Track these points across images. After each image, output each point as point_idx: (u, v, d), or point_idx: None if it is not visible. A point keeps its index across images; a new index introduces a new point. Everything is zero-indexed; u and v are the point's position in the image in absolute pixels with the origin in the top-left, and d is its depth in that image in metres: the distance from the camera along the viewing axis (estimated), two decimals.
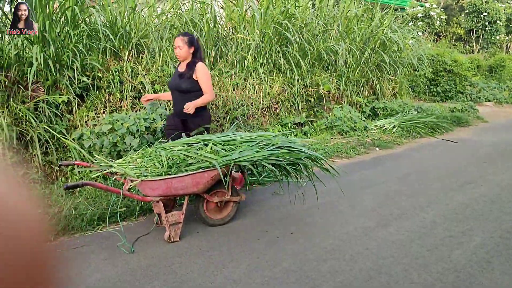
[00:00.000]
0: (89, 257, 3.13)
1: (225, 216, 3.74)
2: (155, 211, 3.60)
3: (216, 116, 6.38)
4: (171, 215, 3.37)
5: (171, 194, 3.37)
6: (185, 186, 3.34)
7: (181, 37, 4.04)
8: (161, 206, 3.35)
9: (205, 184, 3.42)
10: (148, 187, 3.30)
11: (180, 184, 3.31)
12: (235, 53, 7.07)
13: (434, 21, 16.33)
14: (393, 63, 9.43)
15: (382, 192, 4.59)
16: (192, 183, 3.35)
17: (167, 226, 3.35)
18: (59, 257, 0.42)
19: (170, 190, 3.31)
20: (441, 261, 2.97)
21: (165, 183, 3.27)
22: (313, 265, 2.96)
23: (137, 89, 5.70)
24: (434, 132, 8.03)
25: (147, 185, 3.29)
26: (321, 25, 8.08)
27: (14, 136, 4.41)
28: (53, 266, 0.40)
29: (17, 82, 4.85)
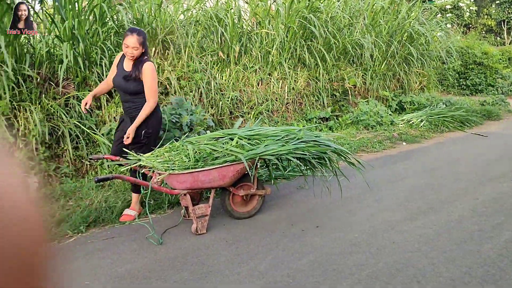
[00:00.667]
0: (119, 248, 3.21)
1: (251, 209, 3.79)
2: (182, 204, 3.67)
3: (241, 112, 6.42)
4: (198, 208, 3.43)
5: (197, 187, 3.44)
6: (211, 180, 3.40)
7: (136, 36, 3.50)
8: (188, 199, 3.42)
9: (231, 178, 3.47)
10: (176, 180, 3.37)
11: (206, 177, 3.37)
12: (259, 48, 7.09)
13: (463, 13, 15.93)
14: (421, 56, 9.26)
15: (408, 186, 4.54)
16: (218, 176, 3.41)
17: (194, 218, 3.41)
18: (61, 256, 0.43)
19: (197, 183, 3.38)
20: (470, 255, 2.92)
21: (191, 177, 3.34)
22: (339, 258, 2.96)
23: (164, 85, 5.79)
24: (463, 126, 7.85)
25: (175, 179, 3.36)
26: (346, 18, 8.00)
27: (47, 132, 4.55)
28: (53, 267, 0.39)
29: (49, 79, 5.00)
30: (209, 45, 6.85)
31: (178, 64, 6.04)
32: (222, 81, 6.42)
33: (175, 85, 5.73)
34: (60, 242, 3.32)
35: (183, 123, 4.50)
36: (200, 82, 5.95)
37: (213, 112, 6.01)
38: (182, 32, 6.25)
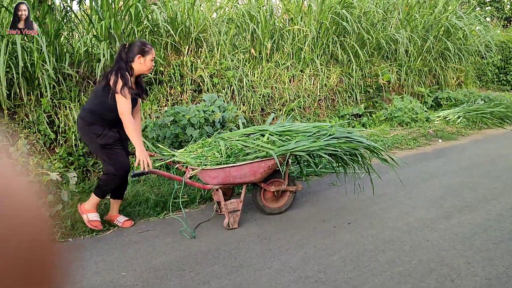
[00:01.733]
0: (154, 241, 3.30)
1: (282, 205, 3.81)
2: (214, 199, 3.74)
3: (273, 108, 6.44)
4: (230, 203, 3.48)
5: (229, 183, 3.48)
6: (243, 175, 3.45)
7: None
8: (220, 194, 3.47)
9: (262, 173, 3.51)
10: (208, 175, 3.43)
11: (238, 173, 3.42)
12: (291, 45, 7.07)
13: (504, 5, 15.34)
14: (458, 51, 9.00)
15: (444, 184, 4.44)
16: (249, 172, 3.45)
17: (226, 213, 3.46)
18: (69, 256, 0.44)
19: (229, 178, 3.43)
20: (508, 255, 2.84)
21: (223, 172, 3.40)
22: (371, 255, 2.94)
23: (197, 83, 5.88)
24: (503, 122, 7.59)
25: (207, 174, 3.42)
26: (380, 13, 7.87)
27: None
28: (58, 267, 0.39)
29: (87, 77, 5.17)
30: (241, 43, 6.90)
31: (211, 62, 6.12)
32: (254, 78, 6.46)
33: (208, 82, 5.80)
34: (97, 234, 3.44)
35: (216, 120, 4.56)
36: (232, 80, 6.00)
37: (245, 109, 6.06)
38: (215, 30, 6.32)
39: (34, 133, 4.55)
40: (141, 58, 3.29)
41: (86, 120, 3.31)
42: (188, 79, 5.82)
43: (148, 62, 3.33)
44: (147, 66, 3.35)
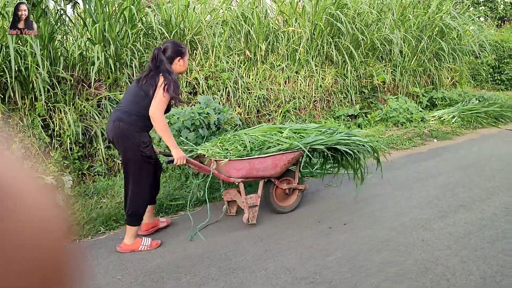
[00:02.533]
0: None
1: (292, 203, 3.89)
2: (225, 199, 3.81)
3: (268, 110, 6.44)
4: (250, 197, 3.54)
5: (252, 176, 3.52)
6: (265, 168, 3.51)
7: None
8: (241, 187, 3.51)
9: (281, 167, 3.58)
10: (234, 167, 3.45)
11: (261, 165, 3.48)
12: (286, 46, 7.09)
13: (497, 5, 15.42)
14: (452, 51, 9.04)
15: (439, 184, 4.46)
16: (271, 165, 3.52)
17: (246, 208, 3.51)
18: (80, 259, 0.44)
19: (252, 171, 3.48)
20: (502, 254, 2.86)
21: (248, 164, 3.44)
22: (366, 255, 2.95)
23: (192, 85, 5.88)
24: (498, 122, 7.63)
25: (233, 165, 3.44)
26: (374, 14, 7.89)
27: (80, 132, 4.70)
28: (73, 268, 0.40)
29: (81, 80, 5.16)
30: (236, 45, 6.90)
31: (206, 64, 6.12)
32: (249, 80, 6.46)
33: (203, 84, 5.80)
34: (93, 238, 3.43)
35: (211, 121, 4.56)
36: (227, 81, 6.01)
37: (241, 111, 6.06)
38: (209, 32, 6.32)
39: (28, 137, 4.53)
40: (180, 60, 3.19)
41: (138, 125, 3.04)
42: (183, 82, 5.81)
43: (186, 62, 3.26)
44: (185, 66, 3.26)
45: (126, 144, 3.03)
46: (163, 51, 3.15)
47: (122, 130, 3.00)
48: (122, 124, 3.00)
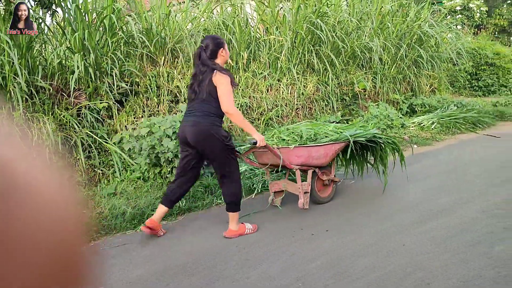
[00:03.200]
0: (131, 254, 3.25)
1: (329, 194, 4.24)
2: (271, 191, 4.14)
3: (251, 118, 6.45)
4: (304, 184, 3.84)
5: (307, 164, 3.86)
6: (318, 156, 3.87)
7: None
8: (298, 175, 3.83)
9: (330, 157, 3.98)
10: (295, 154, 3.79)
11: (316, 153, 3.85)
12: (268, 54, 7.12)
13: (473, 14, 15.80)
14: (431, 58, 9.21)
15: (420, 189, 4.51)
16: (323, 154, 3.89)
17: (301, 194, 3.82)
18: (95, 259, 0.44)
19: (309, 159, 3.84)
20: (482, 257, 2.89)
21: (307, 151, 3.82)
22: (349, 261, 2.96)
23: (174, 93, 5.86)
24: (476, 127, 7.78)
25: (295, 153, 3.79)
26: (354, 22, 8.00)
27: (59, 141, 4.63)
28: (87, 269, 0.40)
29: (61, 90, 5.09)
30: None
31: (188, 72, 6.10)
32: None
33: (185, 93, 5.78)
34: None
35: None
36: None
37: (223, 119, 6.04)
38: (191, 41, 6.32)
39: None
40: (222, 50, 3.36)
41: (213, 123, 3.26)
42: (165, 90, 5.79)
43: (227, 50, 3.44)
44: (228, 54, 3.46)
45: (211, 142, 3.26)
46: (205, 48, 3.33)
47: (204, 131, 3.24)
48: (203, 125, 3.25)
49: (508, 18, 16.89)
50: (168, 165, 4.55)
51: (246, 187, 4.67)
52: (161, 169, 4.62)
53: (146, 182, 4.64)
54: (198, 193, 4.40)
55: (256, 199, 4.46)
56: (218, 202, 4.32)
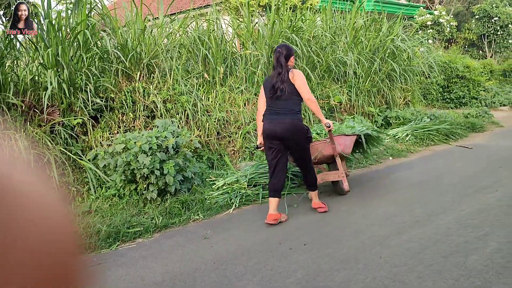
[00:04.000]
0: (105, 274, 3.18)
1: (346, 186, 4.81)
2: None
3: (228, 132, 6.45)
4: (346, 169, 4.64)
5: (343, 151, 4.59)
6: (348, 145, 4.68)
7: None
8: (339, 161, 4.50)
9: (351, 147, 4.77)
10: (339, 142, 4.52)
11: (349, 142, 4.68)
12: (244, 69, 7.16)
13: (444, 28, 16.26)
14: (404, 71, 9.41)
15: (396, 201, 4.57)
16: (350, 143, 4.71)
17: (344, 178, 4.55)
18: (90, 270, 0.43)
19: (345, 148, 4.61)
20: (456, 268, 2.94)
21: (344, 140, 4.62)
22: (326, 275, 2.96)
23: (150, 108, 5.82)
24: (448, 139, 7.95)
25: (338, 141, 4.52)
26: (328, 37, 8.14)
27: (32, 159, 4.53)
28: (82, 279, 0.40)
29: (33, 106, 5.00)
30: (194, 68, 6.92)
31: (164, 87, 6.08)
32: (208, 103, 6.46)
33: (161, 108, 5.75)
34: None
35: (169, 145, 4.51)
36: (186, 104, 5.98)
37: (201, 134, 6.03)
38: (167, 56, 6.31)
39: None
40: (292, 58, 4.04)
41: (299, 119, 3.94)
42: (141, 105, 5.74)
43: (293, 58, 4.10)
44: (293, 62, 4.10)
45: (299, 136, 3.94)
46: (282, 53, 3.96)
47: (297, 126, 3.92)
48: (296, 121, 3.91)
49: (476, 32, 17.44)
50: (144, 181, 4.50)
51: (224, 201, 4.65)
52: (137, 185, 4.56)
53: (121, 199, 4.57)
54: (175, 209, 4.35)
55: (234, 215, 4.44)
56: (195, 218, 4.28)
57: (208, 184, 5.09)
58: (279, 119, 3.89)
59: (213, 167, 5.79)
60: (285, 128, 3.87)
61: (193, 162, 5.00)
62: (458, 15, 20.27)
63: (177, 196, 4.61)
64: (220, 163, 5.92)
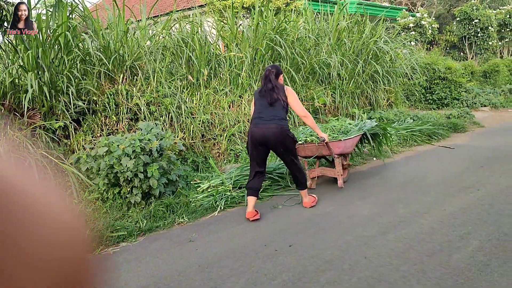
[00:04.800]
0: None
1: (347, 175, 5.36)
2: (310, 176, 5.10)
3: (213, 134, 6.42)
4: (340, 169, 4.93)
5: (343, 152, 4.97)
6: (349, 146, 5.03)
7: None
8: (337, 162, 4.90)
9: (353, 146, 5.20)
10: (336, 146, 4.86)
11: (349, 143, 5.02)
12: (228, 71, 7.15)
13: (426, 30, 16.49)
14: (387, 73, 9.51)
15: (380, 201, 4.60)
16: (352, 144, 5.11)
17: (339, 176, 4.94)
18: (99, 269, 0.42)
19: (345, 148, 4.97)
20: (440, 266, 2.97)
21: (344, 143, 4.93)
22: (312, 276, 2.96)
23: (133, 111, 5.76)
24: (431, 139, 8.05)
25: (336, 144, 4.87)
26: (312, 39, 8.18)
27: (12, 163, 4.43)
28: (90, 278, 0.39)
29: (13, 109, 4.91)
30: (178, 70, 6.88)
31: (147, 89, 6.02)
32: (192, 105, 6.43)
33: (145, 110, 5.70)
34: None
35: (152, 148, 4.46)
36: (170, 107, 5.94)
37: (185, 136, 5.99)
38: (150, 58, 6.26)
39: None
40: (281, 76, 4.41)
41: (287, 126, 4.22)
42: (124, 108, 5.68)
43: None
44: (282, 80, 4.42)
45: (286, 139, 4.19)
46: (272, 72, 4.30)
47: (283, 130, 4.17)
48: (283, 127, 4.17)
49: (458, 34, 17.72)
50: (127, 184, 4.45)
51: (209, 204, 4.62)
52: (121, 189, 4.50)
53: (105, 202, 4.51)
54: (159, 213, 4.31)
55: (219, 217, 4.41)
56: (180, 221, 4.24)
57: (193, 186, 5.06)
58: (272, 125, 4.14)
59: (198, 170, 5.75)
60: (275, 133, 4.12)
61: (177, 165, 4.96)
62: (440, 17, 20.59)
63: (161, 199, 4.57)
64: (205, 165, 5.89)
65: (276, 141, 4.15)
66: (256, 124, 4.20)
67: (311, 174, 5.13)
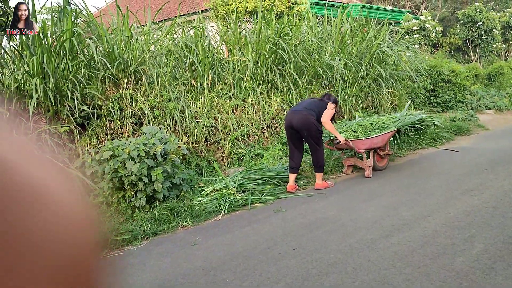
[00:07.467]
0: None
1: (384, 164, 6.15)
2: (346, 164, 6.04)
3: (217, 138, 6.45)
4: (368, 161, 5.69)
5: (370, 147, 5.68)
6: (378, 142, 5.71)
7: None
8: (365, 155, 5.68)
9: (385, 141, 5.86)
10: (362, 143, 5.61)
11: (376, 140, 5.67)
12: (232, 75, 7.18)
13: (430, 33, 16.47)
14: (390, 76, 9.50)
15: (383, 204, 4.60)
16: (381, 140, 5.75)
17: (367, 167, 5.69)
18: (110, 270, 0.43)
19: (372, 144, 5.66)
20: (444, 269, 2.97)
21: (370, 140, 5.65)
22: (315, 279, 2.96)
23: (137, 115, 5.80)
24: (435, 142, 8.03)
25: (362, 142, 5.61)
26: (315, 42, 8.20)
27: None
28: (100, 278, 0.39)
29: (19, 114, 4.95)
30: (181, 74, 6.91)
31: (151, 94, 6.06)
32: (196, 109, 6.46)
33: (149, 115, 5.74)
34: None
35: (157, 152, 4.49)
36: (174, 111, 5.97)
37: (189, 140, 6.02)
38: (154, 63, 6.30)
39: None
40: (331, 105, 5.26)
41: (314, 117, 5.10)
42: (128, 112, 5.72)
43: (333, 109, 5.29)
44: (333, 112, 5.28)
45: (310, 126, 5.09)
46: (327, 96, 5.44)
47: (309, 118, 5.08)
48: (308, 115, 5.09)
49: (461, 37, 17.69)
50: (132, 188, 4.47)
51: (213, 207, 4.64)
52: (125, 192, 4.53)
53: (109, 206, 4.54)
54: (163, 216, 4.33)
55: (223, 221, 4.43)
56: (184, 224, 4.26)
57: (196, 190, 5.08)
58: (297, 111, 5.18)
59: (202, 174, 5.78)
60: (298, 119, 5.07)
61: (181, 169, 4.99)
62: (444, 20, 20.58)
63: (165, 202, 4.59)
64: (208, 169, 5.91)
65: (301, 125, 5.05)
66: (289, 113, 5.31)
67: (346, 162, 6.02)
